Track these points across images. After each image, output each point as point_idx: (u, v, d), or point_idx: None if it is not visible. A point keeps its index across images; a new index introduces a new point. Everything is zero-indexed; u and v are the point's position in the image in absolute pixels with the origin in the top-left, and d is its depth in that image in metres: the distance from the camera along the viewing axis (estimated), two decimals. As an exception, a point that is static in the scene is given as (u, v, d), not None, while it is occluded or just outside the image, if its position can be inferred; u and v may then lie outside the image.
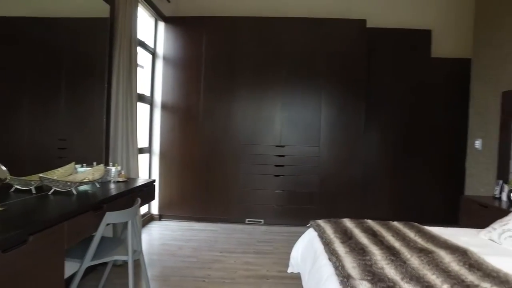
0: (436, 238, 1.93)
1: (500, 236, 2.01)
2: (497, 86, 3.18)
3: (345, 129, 4.18)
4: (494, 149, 3.16)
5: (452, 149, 4.45)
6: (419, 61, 4.38)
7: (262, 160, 4.22)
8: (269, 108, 4.20)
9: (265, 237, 3.80)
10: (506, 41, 3.09)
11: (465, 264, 1.56)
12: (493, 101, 3.22)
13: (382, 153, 4.44)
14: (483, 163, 3.34)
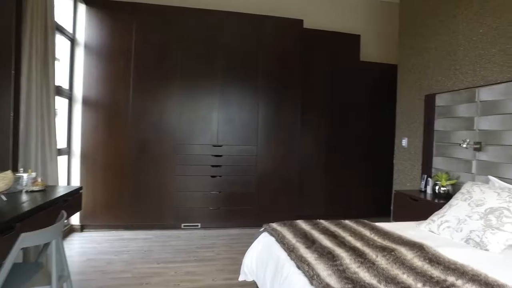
0: (390, 235, 1.97)
1: (439, 227, 2.15)
2: (420, 89, 3.48)
3: (283, 128, 4.18)
4: (419, 147, 3.46)
5: (380, 147, 4.81)
6: (349, 64, 4.62)
7: (199, 161, 3.98)
8: (206, 105, 3.97)
9: (204, 242, 3.57)
10: (426, 49, 3.41)
11: (425, 259, 1.61)
12: (417, 103, 3.52)
13: (317, 152, 4.57)
14: (409, 159, 3.63)
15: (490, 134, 2.62)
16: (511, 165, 2.45)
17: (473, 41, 2.87)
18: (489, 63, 2.71)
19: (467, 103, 2.84)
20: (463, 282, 1.36)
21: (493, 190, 2.08)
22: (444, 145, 3.09)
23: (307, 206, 4.51)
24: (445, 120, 3.09)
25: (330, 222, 2.26)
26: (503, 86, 2.54)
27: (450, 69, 3.10)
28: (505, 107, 2.51)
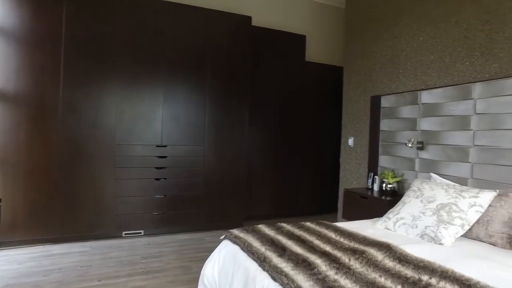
0: (355, 235, 1.98)
1: (395, 225, 2.23)
2: (366, 91, 3.64)
3: (231, 126, 4.05)
4: (365, 146, 3.62)
5: (325, 146, 4.96)
6: (295, 64, 4.67)
7: (141, 162, 3.64)
8: (149, 102, 3.65)
9: (150, 251, 3.27)
10: (371, 53, 3.57)
11: (395, 259, 1.62)
12: (363, 104, 3.68)
13: (264, 151, 4.53)
14: (355, 158, 3.78)
15: (431, 134, 2.83)
16: (449, 163, 2.66)
17: (414, 48, 3.07)
18: (429, 69, 2.92)
19: (411, 105, 3.02)
20: (436, 280, 1.39)
21: (441, 187, 2.22)
22: (389, 144, 3.26)
23: (256, 206, 4.46)
24: (390, 121, 3.27)
25: (293, 226, 2.20)
26: (441, 90, 2.74)
27: (394, 72, 3.28)
28: (443, 109, 2.72)
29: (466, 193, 2.07)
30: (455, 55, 2.70)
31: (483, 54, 2.50)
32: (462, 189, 2.13)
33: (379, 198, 2.98)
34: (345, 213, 3.36)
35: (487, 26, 2.48)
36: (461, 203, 2.03)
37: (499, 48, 2.40)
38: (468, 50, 2.60)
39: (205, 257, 3.13)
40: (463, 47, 2.64)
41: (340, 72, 4.80)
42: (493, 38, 2.44)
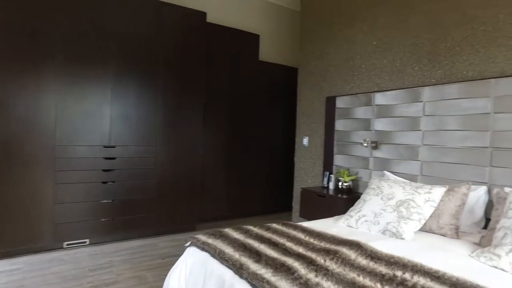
0: (323, 235, 1.99)
1: (357, 222, 2.30)
2: (321, 91, 3.73)
3: (185, 126, 3.88)
4: (320, 146, 3.71)
5: (279, 146, 5.00)
6: (249, 63, 4.63)
7: (86, 165, 3.31)
8: (95, 99, 3.33)
9: (98, 262, 2.99)
10: (326, 54, 3.67)
11: (367, 256, 1.66)
12: (318, 104, 3.76)
13: (218, 151, 4.43)
14: (310, 158, 3.86)
15: (384, 134, 2.98)
16: (400, 161, 2.84)
17: (368, 51, 3.22)
18: (382, 72, 3.08)
19: (365, 106, 3.16)
20: (410, 275, 1.44)
21: (398, 185, 2.35)
22: (344, 144, 3.38)
23: (209, 207, 4.34)
24: (345, 121, 3.38)
25: (260, 228, 2.15)
26: (394, 92, 2.91)
27: (349, 74, 3.41)
28: (396, 111, 2.89)
29: (421, 190, 2.21)
30: (405, 60, 2.88)
31: (430, 61, 2.70)
32: (417, 186, 2.27)
33: (336, 196, 3.07)
34: (303, 212, 3.41)
35: (433, 35, 2.68)
36: (417, 199, 2.16)
37: (443, 56, 2.61)
38: (417, 57, 2.79)
39: (161, 264, 2.95)
40: (412, 53, 2.82)
41: (294, 73, 4.88)
42: (438, 46, 2.65)
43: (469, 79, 2.44)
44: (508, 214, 1.78)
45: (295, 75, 4.77)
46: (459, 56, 2.51)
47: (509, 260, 1.60)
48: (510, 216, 1.75)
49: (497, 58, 2.31)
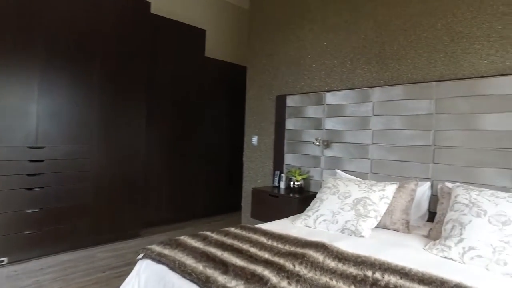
0: (286, 238, 1.92)
1: (315, 222, 2.29)
2: (271, 90, 3.69)
3: (125, 125, 3.55)
4: (270, 145, 3.67)
5: (225, 145, 4.87)
6: (195, 58, 4.42)
7: (6, 169, 2.83)
8: (19, 95, 2.85)
9: (21, 283, 2.56)
10: (276, 53, 3.65)
11: (334, 258, 1.63)
12: (268, 103, 3.72)
13: (161, 152, 4.15)
14: (259, 157, 3.80)
15: (335, 133, 3.04)
16: (351, 159, 2.92)
17: (318, 51, 3.25)
18: (332, 72, 3.14)
19: (316, 105, 3.20)
20: (380, 274, 1.44)
21: (354, 183, 2.39)
22: (295, 143, 3.38)
23: (153, 211, 4.05)
24: (295, 120, 3.39)
25: (218, 233, 2.01)
26: (344, 92, 2.98)
27: (299, 73, 3.42)
28: (346, 110, 2.96)
29: (375, 187, 2.28)
30: (355, 61, 2.97)
31: (378, 63, 2.81)
32: (371, 183, 2.33)
33: (289, 195, 3.05)
34: (254, 213, 3.33)
35: (381, 39, 2.79)
36: (373, 196, 2.22)
37: (390, 59, 2.74)
38: (366, 58, 2.89)
39: (101, 279, 2.64)
40: (362, 55, 2.92)
41: (242, 70, 4.79)
42: (385, 49, 2.77)
43: (414, 82, 2.59)
44: (454, 208, 1.90)
45: (243, 72, 4.69)
46: (405, 59, 2.65)
47: (458, 250, 1.70)
48: (457, 210, 1.87)
49: (437, 63, 2.48)
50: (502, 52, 2.21)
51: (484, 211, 1.75)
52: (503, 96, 2.16)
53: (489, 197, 1.81)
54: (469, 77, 2.33)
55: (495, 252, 1.60)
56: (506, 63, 2.19)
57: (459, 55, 2.38)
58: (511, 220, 1.66)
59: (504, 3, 2.21)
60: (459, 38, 2.38)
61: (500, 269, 1.57)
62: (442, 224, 2.00)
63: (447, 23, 2.43)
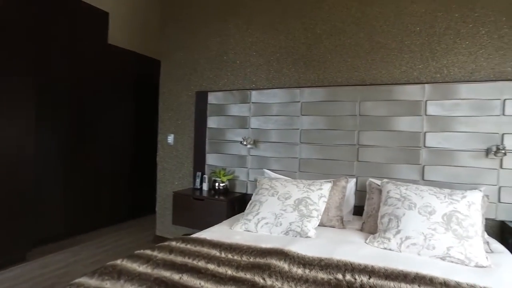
0: (237, 247, 1.77)
1: (257, 226, 2.20)
2: (190, 85, 3.42)
3: (8, 125, 2.76)
4: (188, 144, 3.41)
5: (133, 144, 4.34)
6: (96, 45, 3.78)
7: None
8: None
9: None
10: (196, 46, 3.39)
11: (298, 264, 1.57)
12: (186, 99, 3.44)
13: (57, 154, 3.42)
14: (176, 157, 3.49)
15: (262, 132, 3.01)
16: (279, 159, 2.93)
17: (243, 48, 3.15)
18: (258, 70, 3.09)
19: (241, 104, 3.10)
20: (350, 275, 1.44)
21: (291, 183, 2.39)
22: (218, 142, 3.22)
23: (47, 224, 3.30)
24: (218, 118, 3.22)
25: (161, 251, 1.72)
26: (270, 92, 2.97)
27: (222, 69, 3.25)
28: (272, 109, 2.96)
29: (313, 187, 2.32)
30: (282, 61, 2.98)
31: (305, 64, 2.89)
32: (309, 183, 2.37)
33: (216, 198, 2.88)
34: (177, 218, 3.04)
35: (308, 40, 2.88)
36: (312, 196, 2.25)
37: (317, 61, 2.85)
38: (293, 59, 2.93)
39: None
40: (289, 55, 2.95)
41: (153, 62, 4.34)
42: (312, 52, 2.86)
43: (338, 84, 2.75)
44: (388, 202, 2.08)
45: (154, 64, 4.25)
46: (330, 63, 2.79)
47: (396, 241, 1.87)
48: (390, 204, 2.05)
49: (359, 69, 2.69)
50: (411, 64, 2.53)
51: (414, 203, 1.96)
52: (412, 102, 2.47)
53: (415, 191, 2.04)
54: (386, 83, 2.59)
55: (426, 239, 1.81)
56: (414, 74, 2.52)
57: (378, 62, 2.63)
58: (435, 210, 1.89)
59: (411, 22, 2.52)
60: (378, 48, 2.62)
61: (429, 253, 1.78)
62: (375, 218, 2.17)
63: (368, 33, 2.66)
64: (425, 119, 2.43)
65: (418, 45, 2.50)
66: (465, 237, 1.78)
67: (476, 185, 2.29)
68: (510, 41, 2.29)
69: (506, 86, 2.24)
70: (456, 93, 2.35)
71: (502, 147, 2.16)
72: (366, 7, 2.67)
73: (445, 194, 1.97)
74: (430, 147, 2.42)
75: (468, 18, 2.38)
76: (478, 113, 2.30)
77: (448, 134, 2.37)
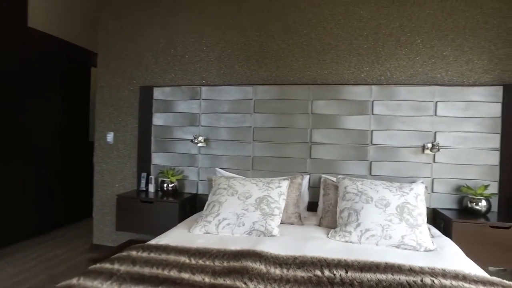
0: (206, 252, 1.67)
1: (217, 227, 2.12)
2: (132, 80, 3.15)
3: None
4: (131, 143, 3.14)
5: (66, 143, 3.85)
6: (12, 28, 3.23)
7: None
8: None
9: None
10: (140, 37, 3.13)
11: (274, 264, 1.55)
12: (127, 94, 3.15)
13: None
14: (117, 157, 3.19)
15: (212, 130, 2.91)
16: (229, 157, 2.87)
17: (192, 42, 3.01)
18: (208, 66, 2.98)
19: (191, 100, 2.95)
20: (328, 271, 1.46)
21: (250, 182, 2.35)
22: (165, 141, 3.02)
23: None
24: (165, 115, 3.02)
25: (121, 264, 1.53)
26: (222, 88, 2.89)
27: (170, 63, 3.06)
28: (223, 107, 2.89)
29: (272, 185, 2.32)
30: (234, 57, 2.92)
31: (257, 61, 2.87)
32: (267, 181, 2.36)
33: (165, 200, 2.71)
34: (122, 224, 2.79)
35: (261, 38, 2.86)
36: (273, 194, 2.25)
37: (269, 59, 2.85)
38: (246, 56, 2.89)
39: None
40: (241, 52, 2.90)
41: (88, 53, 3.89)
42: (265, 49, 2.86)
43: (291, 83, 2.80)
44: (346, 197, 2.18)
45: (89, 55, 3.81)
46: (283, 61, 2.82)
47: (357, 234, 1.98)
48: (349, 199, 2.15)
49: (311, 68, 2.77)
50: (359, 66, 2.69)
51: (370, 197, 2.09)
52: (360, 102, 2.64)
53: (370, 185, 2.18)
54: (336, 83, 2.72)
55: (383, 229, 1.94)
56: (362, 75, 2.69)
57: (328, 63, 2.74)
58: (389, 202, 2.05)
59: (359, 27, 2.69)
60: (328, 49, 2.73)
61: (386, 242, 1.92)
62: (333, 213, 2.27)
63: (319, 34, 2.75)
64: (372, 118, 2.62)
65: (365, 49, 2.68)
66: (415, 226, 1.96)
67: (414, 178, 2.54)
68: (439, 51, 2.58)
69: (437, 90, 2.53)
70: (398, 95, 2.58)
71: (436, 144, 2.43)
72: (317, 9, 2.76)
73: (396, 187, 2.15)
74: (377, 144, 2.61)
75: (407, 28, 2.62)
76: (416, 113, 2.55)
77: (392, 132, 2.59)
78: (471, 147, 2.49)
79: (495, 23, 2.50)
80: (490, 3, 2.50)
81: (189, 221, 2.38)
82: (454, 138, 2.50)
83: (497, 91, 2.46)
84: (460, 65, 2.54)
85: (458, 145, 2.50)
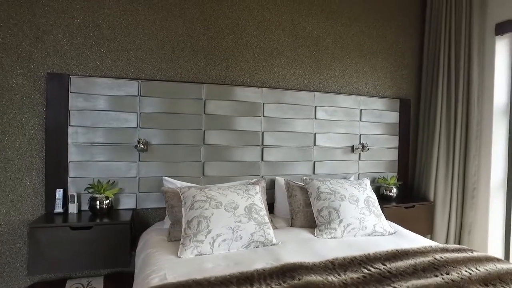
0: (249, 277, 1.50)
1: (212, 246, 1.90)
2: (30, 63, 2.27)
3: None
4: (29, 149, 2.28)
5: None
6: None
7: None
8: None
9: None
10: (39, 5, 2.28)
11: (324, 272, 1.56)
12: (22, 82, 2.26)
13: None
14: (4, 170, 2.25)
15: (154, 133, 2.50)
16: (175, 163, 2.56)
17: (125, 26, 2.44)
18: (147, 57, 2.51)
19: (126, 96, 2.42)
20: (371, 266, 1.61)
21: (231, 190, 2.18)
22: (88, 146, 2.37)
23: None
24: (90, 113, 2.35)
25: None
26: (164, 84, 2.52)
27: (93, 47, 2.37)
28: (168, 106, 2.53)
29: (251, 191, 2.22)
30: (178, 50, 2.57)
31: (206, 58, 2.64)
32: (245, 188, 2.24)
33: (111, 222, 2.17)
34: (38, 265, 2.03)
35: (209, 32, 2.64)
36: (256, 200, 2.17)
37: (218, 57, 2.67)
38: (192, 50, 2.60)
39: None
40: (187, 45, 2.59)
41: None
42: (213, 46, 2.65)
43: (241, 84, 2.72)
44: (321, 197, 2.34)
45: None
46: (233, 61, 2.70)
47: (340, 229, 2.21)
48: (325, 198, 2.33)
49: (260, 71, 2.78)
50: (302, 73, 2.91)
51: (343, 195, 2.35)
52: (304, 106, 2.86)
53: (337, 184, 2.44)
54: (283, 88, 2.84)
55: (360, 222, 2.24)
56: (305, 82, 2.92)
57: (276, 67, 2.82)
58: (358, 198, 2.36)
59: (303, 36, 2.89)
60: (276, 54, 2.81)
61: (362, 232, 2.24)
62: (305, 213, 2.41)
63: (268, 38, 2.78)
64: (315, 122, 2.89)
65: (307, 57, 2.91)
66: (379, 215, 2.35)
67: (346, 174, 2.99)
68: (360, 67, 3.10)
69: (362, 99, 3.05)
70: (335, 102, 2.95)
71: (366, 144, 2.94)
72: (266, 13, 2.78)
73: (357, 184, 2.49)
74: (319, 145, 2.91)
75: (339, 44, 3.01)
76: (347, 118, 3.00)
77: (330, 135, 2.94)
78: (381, 146, 3.14)
79: (393, 50, 3.22)
80: (390, 34, 3.20)
81: (157, 243, 2.01)
82: (371, 139, 3.08)
83: (396, 103, 3.19)
84: (374, 80, 3.15)
85: (373, 145, 3.10)
